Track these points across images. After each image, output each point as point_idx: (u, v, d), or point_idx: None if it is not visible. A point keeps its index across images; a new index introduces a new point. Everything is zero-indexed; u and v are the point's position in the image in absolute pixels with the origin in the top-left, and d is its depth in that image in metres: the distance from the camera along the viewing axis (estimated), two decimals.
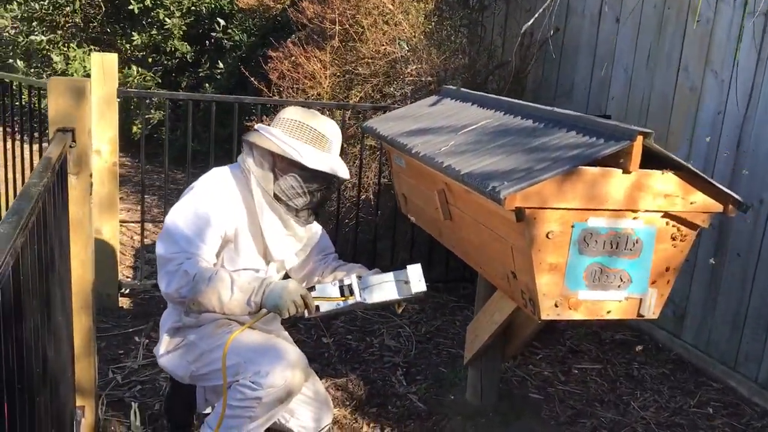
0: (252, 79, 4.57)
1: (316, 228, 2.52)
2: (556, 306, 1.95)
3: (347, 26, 4.22)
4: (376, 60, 4.15)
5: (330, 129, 2.29)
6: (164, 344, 2.33)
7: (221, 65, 6.52)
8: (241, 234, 2.25)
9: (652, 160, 1.93)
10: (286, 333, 2.58)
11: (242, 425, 2.16)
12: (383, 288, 2.19)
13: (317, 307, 2.10)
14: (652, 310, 2.03)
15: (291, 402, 2.30)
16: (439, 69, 4.02)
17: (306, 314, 2.11)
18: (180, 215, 2.15)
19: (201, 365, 2.26)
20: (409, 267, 2.21)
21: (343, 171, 2.27)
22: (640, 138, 1.82)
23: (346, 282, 2.15)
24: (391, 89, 4.14)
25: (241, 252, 2.24)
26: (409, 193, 2.90)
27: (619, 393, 3.08)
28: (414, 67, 4.04)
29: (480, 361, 2.78)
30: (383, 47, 4.13)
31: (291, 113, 2.28)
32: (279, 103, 3.87)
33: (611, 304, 2.01)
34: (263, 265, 2.33)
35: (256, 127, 2.30)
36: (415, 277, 2.19)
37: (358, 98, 4.16)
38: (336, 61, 4.25)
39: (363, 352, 3.33)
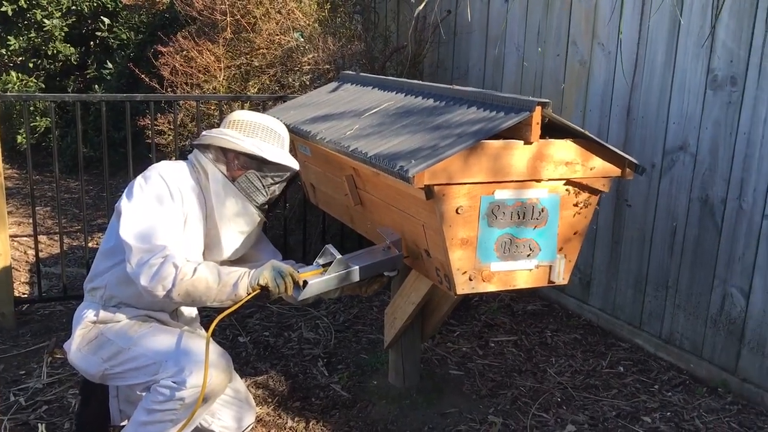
0: (143, 76, 4.40)
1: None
2: (470, 280, 1.98)
3: (239, 17, 4.12)
4: (272, 50, 4.08)
5: (280, 127, 2.38)
6: (77, 340, 2.22)
7: (110, 65, 6.24)
8: (188, 227, 2.22)
9: (552, 130, 1.98)
10: (205, 332, 2.50)
11: (164, 430, 2.07)
12: (362, 255, 2.22)
13: (305, 282, 2.09)
14: (561, 276, 2.09)
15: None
16: (336, 56, 3.99)
17: (294, 294, 2.10)
18: (149, 205, 2.11)
19: (116, 363, 2.16)
20: (379, 229, 2.29)
21: (296, 164, 2.34)
22: (538, 109, 1.87)
23: (322, 262, 2.15)
24: (290, 79, 4.08)
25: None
26: (317, 182, 2.87)
27: (536, 361, 3.17)
28: (311, 55, 4.00)
29: (400, 344, 2.79)
30: (277, 37, 4.06)
31: (241, 115, 2.36)
32: (172, 99, 3.74)
33: (522, 273, 2.06)
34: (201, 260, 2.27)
35: (204, 133, 2.31)
36: (387, 234, 2.25)
37: (256, 89, 4.07)
38: (230, 54, 4.15)
39: (282, 347, 3.28)
